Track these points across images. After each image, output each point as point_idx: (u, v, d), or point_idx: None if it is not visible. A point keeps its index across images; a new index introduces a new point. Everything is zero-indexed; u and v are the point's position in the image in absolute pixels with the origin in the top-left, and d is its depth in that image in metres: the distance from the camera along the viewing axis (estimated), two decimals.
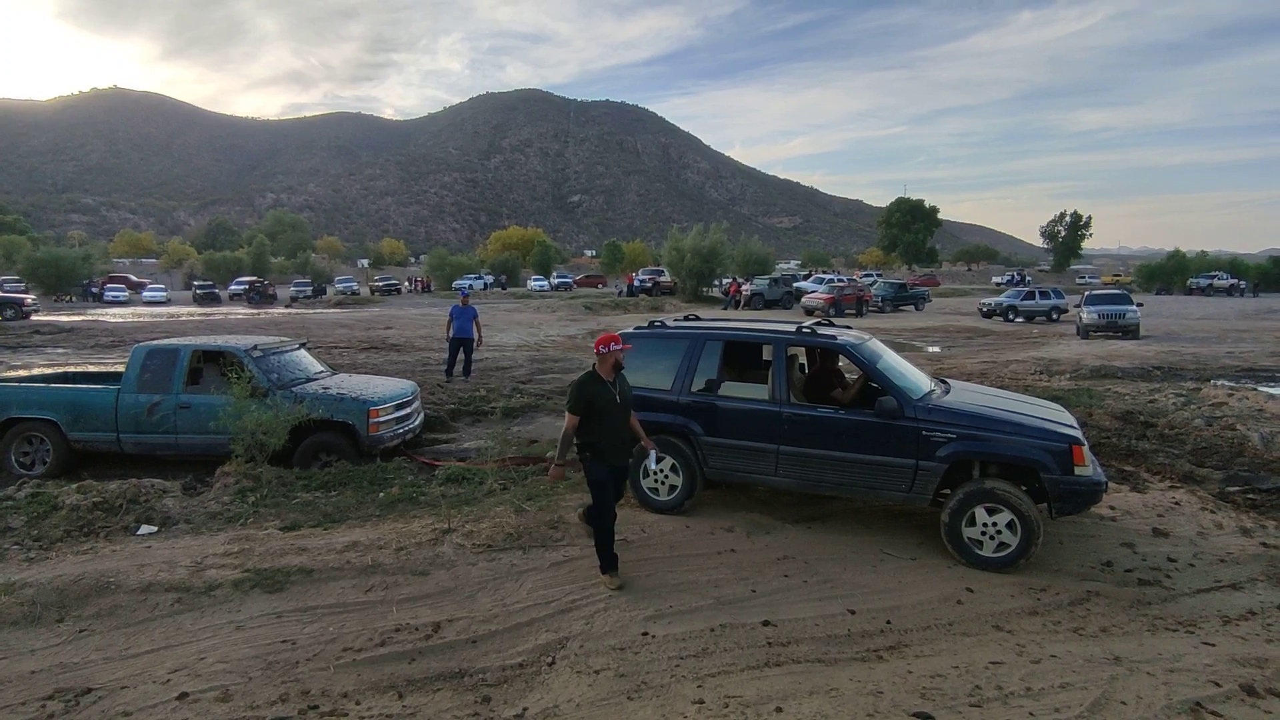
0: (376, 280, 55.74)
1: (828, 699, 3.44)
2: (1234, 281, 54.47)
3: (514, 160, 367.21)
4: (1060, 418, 5.54)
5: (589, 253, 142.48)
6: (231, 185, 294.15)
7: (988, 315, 30.38)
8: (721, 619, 4.24)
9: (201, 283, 49.21)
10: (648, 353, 6.20)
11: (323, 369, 8.91)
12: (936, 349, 19.08)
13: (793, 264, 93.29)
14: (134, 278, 57.44)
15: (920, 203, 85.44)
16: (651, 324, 6.51)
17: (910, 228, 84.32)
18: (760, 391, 5.84)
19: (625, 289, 45.54)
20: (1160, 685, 3.50)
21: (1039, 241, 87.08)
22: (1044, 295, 29.70)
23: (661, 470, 5.96)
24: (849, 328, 6.68)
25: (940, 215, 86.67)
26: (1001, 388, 9.15)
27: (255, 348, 8.01)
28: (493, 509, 5.99)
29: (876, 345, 6.09)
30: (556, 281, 60.67)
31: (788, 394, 5.69)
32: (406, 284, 58.53)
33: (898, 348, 10.85)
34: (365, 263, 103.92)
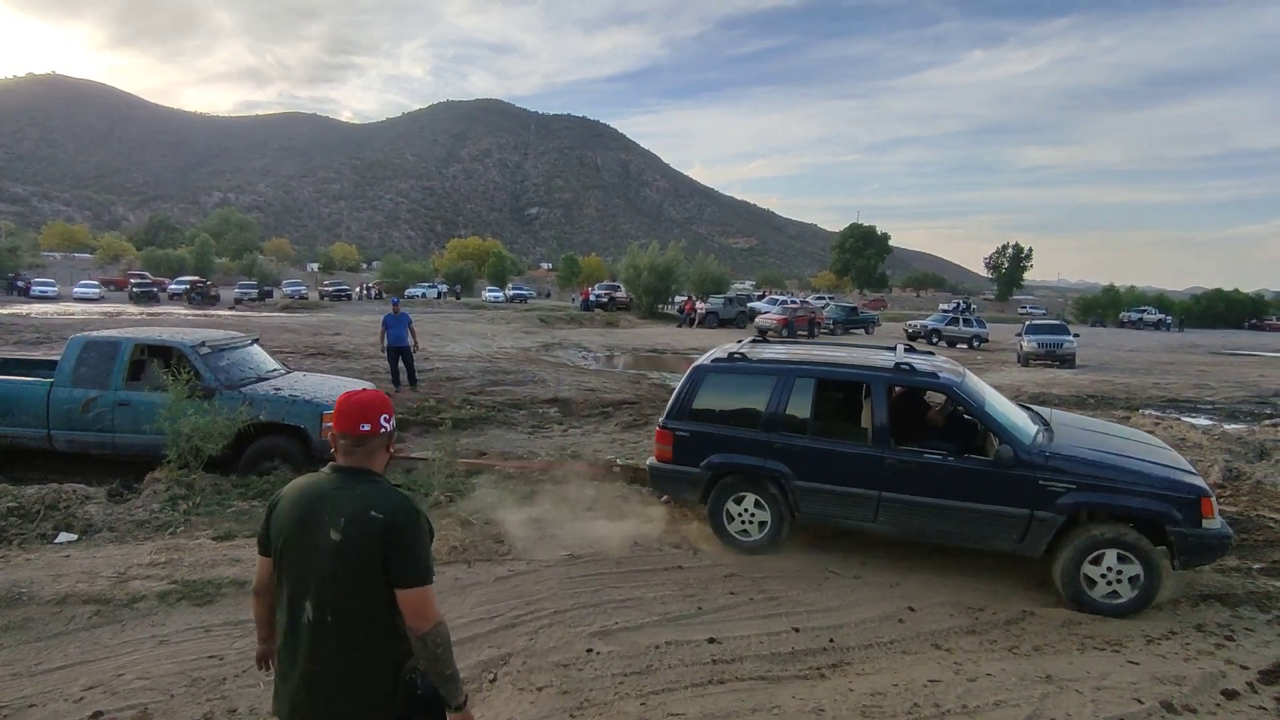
0: (326, 285, 54.44)
1: (770, 717, 3.45)
2: (1161, 316, 57.59)
3: (472, 170, 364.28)
4: (1180, 464, 5.19)
5: (545, 265, 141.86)
6: (176, 181, 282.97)
7: (912, 338, 31.67)
8: (666, 636, 4.22)
9: (139, 280, 47.02)
10: (730, 389, 5.74)
11: (276, 367, 8.46)
12: None
13: (748, 284, 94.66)
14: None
15: (873, 229, 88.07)
16: (731, 356, 5.90)
17: (863, 253, 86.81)
18: (858, 433, 5.49)
19: (580, 303, 45.50)
20: (1088, 703, 3.62)
21: (984, 271, 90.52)
22: (966, 323, 31.14)
23: (748, 510, 5.60)
24: (931, 353, 6.34)
25: (891, 242, 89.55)
26: None
27: (203, 343, 7.54)
28: (438, 521, 5.87)
29: (976, 381, 5.70)
30: (512, 293, 60.19)
31: (889, 437, 5.28)
32: (358, 290, 57.32)
33: None
34: (315, 267, 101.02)
